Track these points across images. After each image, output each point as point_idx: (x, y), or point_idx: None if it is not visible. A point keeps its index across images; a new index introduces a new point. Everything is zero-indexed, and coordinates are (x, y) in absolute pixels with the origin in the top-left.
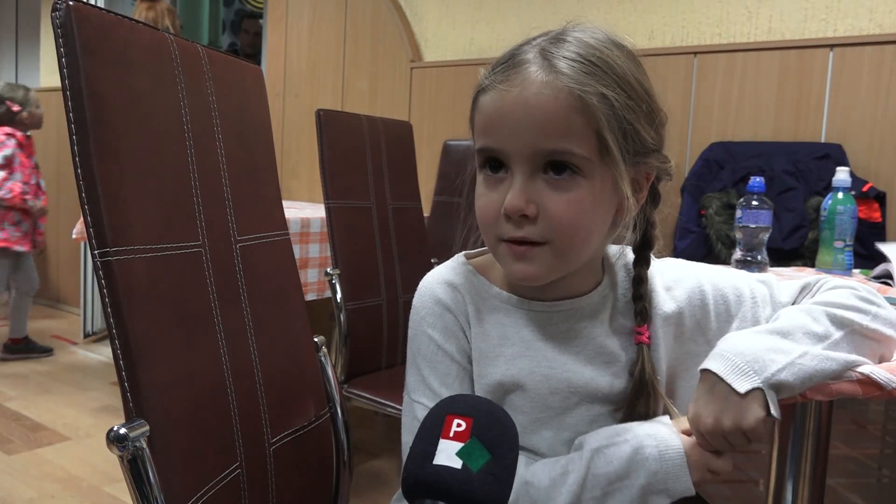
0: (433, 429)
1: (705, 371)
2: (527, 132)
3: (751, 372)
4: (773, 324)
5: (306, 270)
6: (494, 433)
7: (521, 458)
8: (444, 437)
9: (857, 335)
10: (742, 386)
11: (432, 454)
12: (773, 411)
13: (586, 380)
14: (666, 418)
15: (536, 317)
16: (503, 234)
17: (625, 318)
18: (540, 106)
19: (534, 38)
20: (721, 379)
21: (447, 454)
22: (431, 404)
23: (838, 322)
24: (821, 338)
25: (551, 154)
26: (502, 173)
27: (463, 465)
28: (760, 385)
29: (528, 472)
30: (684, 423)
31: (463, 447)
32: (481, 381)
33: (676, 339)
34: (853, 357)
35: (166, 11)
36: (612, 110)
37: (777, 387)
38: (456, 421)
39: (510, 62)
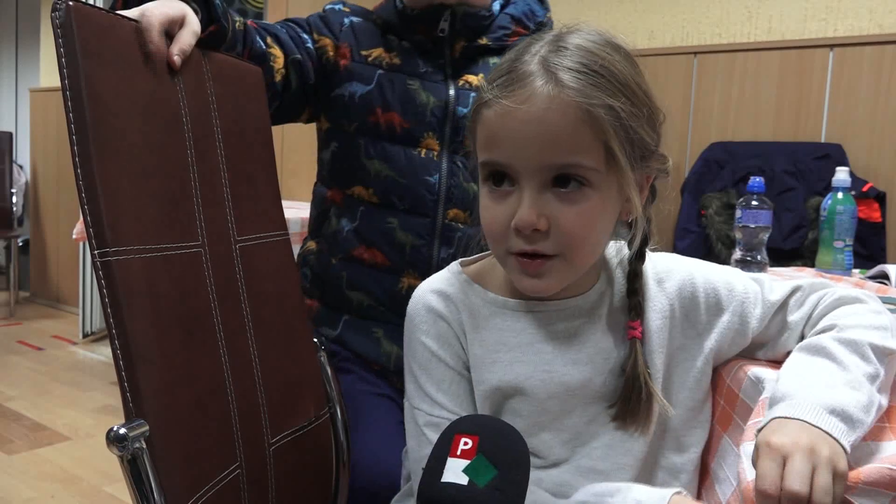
0: (442, 448)
1: (787, 419)
2: (535, 148)
3: (849, 431)
4: (841, 372)
5: None
6: (501, 450)
7: None
8: (451, 456)
9: (889, 364)
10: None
11: (441, 472)
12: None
13: (584, 381)
14: (671, 491)
15: (535, 318)
16: (513, 247)
17: (621, 313)
18: (549, 121)
19: (531, 45)
20: (821, 430)
21: (454, 471)
22: (431, 410)
23: (880, 353)
24: (873, 377)
25: (560, 168)
26: (507, 186)
27: (469, 481)
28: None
29: None
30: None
31: (469, 464)
32: (479, 388)
33: (669, 332)
34: (885, 403)
35: None
36: (619, 120)
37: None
38: (462, 440)
39: (512, 74)
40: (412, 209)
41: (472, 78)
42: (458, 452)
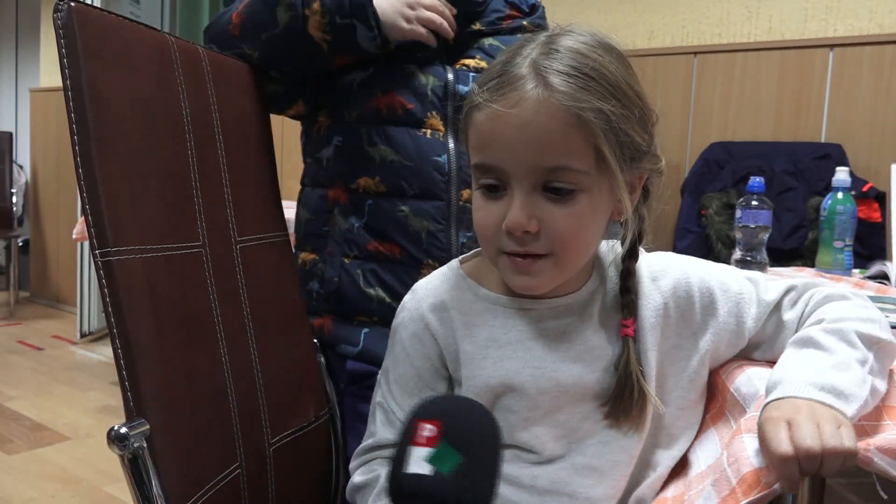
0: (405, 434)
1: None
2: (525, 151)
3: (845, 404)
4: (828, 356)
5: None
6: (465, 432)
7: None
8: (413, 444)
9: (880, 351)
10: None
11: (404, 462)
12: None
13: (575, 378)
14: None
15: (526, 316)
16: (504, 247)
17: (614, 311)
18: (538, 125)
19: (523, 48)
20: (823, 404)
21: (417, 461)
22: (387, 393)
23: (868, 341)
24: (862, 362)
25: (550, 171)
26: (500, 188)
27: (434, 470)
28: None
29: None
30: None
31: (432, 452)
32: (469, 384)
33: (663, 331)
34: (882, 387)
35: None
36: (609, 123)
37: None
38: (426, 426)
39: (503, 78)
40: (423, 193)
41: (468, 61)
42: (422, 440)
